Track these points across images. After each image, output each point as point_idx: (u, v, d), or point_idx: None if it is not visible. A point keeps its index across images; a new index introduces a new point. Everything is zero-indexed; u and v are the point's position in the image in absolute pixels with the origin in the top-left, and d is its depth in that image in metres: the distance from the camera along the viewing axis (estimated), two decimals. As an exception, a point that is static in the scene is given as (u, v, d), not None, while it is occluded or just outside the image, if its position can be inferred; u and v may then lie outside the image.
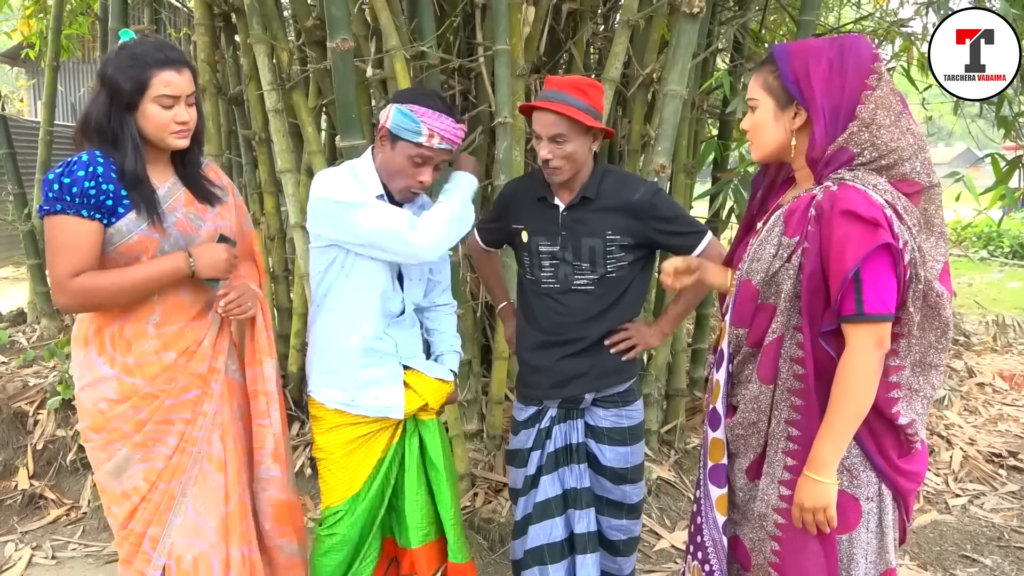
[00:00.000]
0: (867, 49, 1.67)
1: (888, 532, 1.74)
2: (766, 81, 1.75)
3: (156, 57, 1.89)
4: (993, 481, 4.11)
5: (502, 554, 3.26)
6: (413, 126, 2.09)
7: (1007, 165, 3.93)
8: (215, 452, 2.06)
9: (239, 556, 2.07)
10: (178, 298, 2.01)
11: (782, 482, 1.73)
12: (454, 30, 3.78)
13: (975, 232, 13.94)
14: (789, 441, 1.71)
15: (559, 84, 2.17)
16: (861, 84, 1.64)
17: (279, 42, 3.82)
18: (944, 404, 5.11)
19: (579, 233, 2.22)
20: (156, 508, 2.01)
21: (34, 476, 3.86)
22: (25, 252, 5.79)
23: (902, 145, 1.64)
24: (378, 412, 2.23)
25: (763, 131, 1.77)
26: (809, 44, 1.72)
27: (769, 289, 1.70)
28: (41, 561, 3.32)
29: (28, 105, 15.58)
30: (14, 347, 5.26)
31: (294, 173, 3.88)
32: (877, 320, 1.58)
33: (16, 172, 5.73)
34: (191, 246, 1.99)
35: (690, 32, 3.09)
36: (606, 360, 2.27)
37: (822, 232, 1.61)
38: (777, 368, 1.70)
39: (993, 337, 6.81)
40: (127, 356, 1.97)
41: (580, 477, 2.31)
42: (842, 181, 1.62)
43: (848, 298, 1.58)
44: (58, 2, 5.54)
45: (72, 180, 1.85)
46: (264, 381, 2.15)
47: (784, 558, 1.74)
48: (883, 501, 1.72)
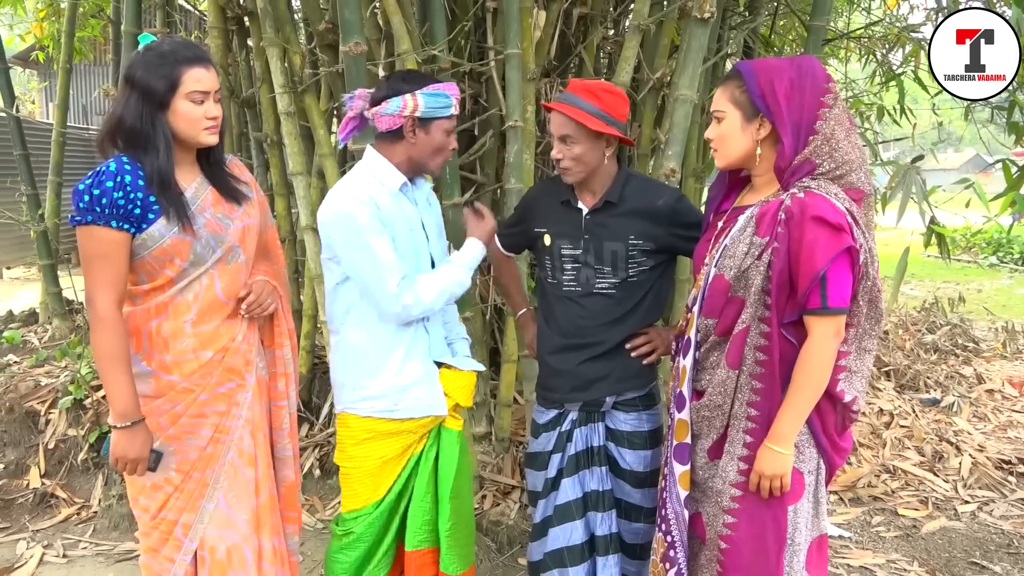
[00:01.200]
0: (821, 71, 1.88)
1: (822, 501, 1.96)
2: (733, 95, 1.91)
3: (185, 55, 1.93)
4: (1002, 488, 4.10)
5: (510, 556, 3.27)
6: (446, 101, 2.17)
7: (1018, 171, 3.92)
8: (246, 448, 2.10)
9: (271, 547, 2.13)
10: (213, 296, 2.04)
11: (740, 458, 1.91)
12: (465, 34, 3.80)
13: (985, 238, 13.89)
14: (749, 421, 1.90)
15: (576, 88, 2.20)
16: (818, 102, 1.84)
17: (291, 45, 3.85)
18: (953, 410, 5.10)
19: (602, 237, 2.24)
20: (190, 496, 2.04)
21: (45, 475, 3.89)
22: (38, 253, 5.83)
23: (853, 157, 1.84)
24: (423, 412, 2.24)
25: (729, 141, 1.94)
26: (771, 63, 1.92)
27: (739, 283, 1.87)
28: (52, 559, 3.35)
29: (40, 107, 15.71)
30: (26, 347, 5.30)
31: (305, 176, 3.90)
32: (837, 313, 1.80)
33: (29, 173, 5.77)
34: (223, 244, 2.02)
35: (700, 37, 3.09)
36: (627, 364, 2.28)
37: (791, 234, 1.79)
38: (743, 355, 1.88)
39: (1003, 343, 6.79)
40: (164, 354, 2.01)
41: (602, 480, 2.32)
42: (808, 189, 1.81)
43: (814, 294, 1.79)
44: (71, 5, 5.59)
45: (101, 191, 1.88)
46: (284, 363, 2.24)
47: (737, 529, 1.92)
48: (820, 474, 1.94)
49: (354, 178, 2.22)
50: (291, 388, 2.26)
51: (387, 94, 2.16)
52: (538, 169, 3.63)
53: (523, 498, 3.57)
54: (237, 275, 2.08)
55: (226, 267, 2.05)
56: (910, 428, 4.71)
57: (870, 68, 5.95)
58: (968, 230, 13.00)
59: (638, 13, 3.43)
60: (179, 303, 2.01)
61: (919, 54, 5.23)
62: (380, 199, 2.17)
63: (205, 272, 2.02)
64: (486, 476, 3.68)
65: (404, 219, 2.21)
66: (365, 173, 2.22)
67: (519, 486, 3.63)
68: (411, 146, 2.19)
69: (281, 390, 2.24)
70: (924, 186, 3.89)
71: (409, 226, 2.23)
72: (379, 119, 2.17)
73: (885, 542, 3.54)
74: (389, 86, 2.18)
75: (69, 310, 5.76)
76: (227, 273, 2.05)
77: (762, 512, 1.89)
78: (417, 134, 2.17)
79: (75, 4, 5.60)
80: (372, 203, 2.14)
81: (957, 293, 8.08)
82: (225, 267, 2.05)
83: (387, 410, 2.21)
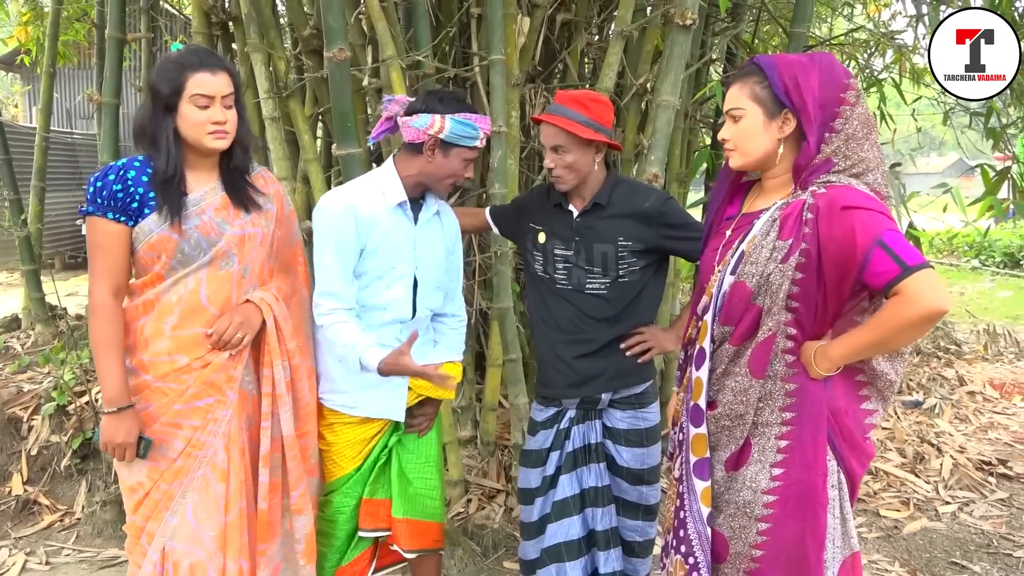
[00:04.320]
0: (841, 67, 1.80)
1: (848, 518, 1.83)
2: (753, 91, 1.81)
3: (191, 60, 1.99)
4: (983, 488, 4.15)
5: (495, 560, 3.27)
6: (473, 133, 2.21)
7: (996, 176, 3.98)
8: (219, 462, 2.07)
9: (235, 569, 2.06)
10: (197, 301, 2.04)
11: (774, 464, 1.80)
12: (450, 40, 3.81)
13: (967, 242, 14.02)
14: (784, 426, 1.79)
15: (563, 99, 2.27)
16: (839, 99, 1.75)
17: (276, 51, 3.85)
18: (935, 412, 5.15)
19: (591, 239, 2.30)
20: (155, 505, 2.04)
21: (28, 482, 3.86)
22: (20, 258, 5.79)
23: (870, 156, 1.77)
24: (380, 414, 2.33)
25: (751, 139, 1.83)
26: (790, 58, 1.82)
27: (762, 289, 1.77)
28: (35, 567, 3.32)
29: (23, 111, 15.57)
30: (8, 353, 5.26)
31: (290, 181, 3.90)
32: (922, 268, 1.62)
33: (12, 178, 5.73)
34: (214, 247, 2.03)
35: (683, 43, 3.12)
36: (622, 361, 2.33)
37: (821, 232, 1.68)
38: (768, 362, 1.77)
39: (984, 346, 6.86)
40: (143, 353, 2.03)
41: (599, 476, 2.36)
42: (829, 183, 1.72)
43: (883, 263, 1.64)
44: (55, 9, 5.56)
45: (104, 184, 1.98)
46: (270, 383, 2.14)
47: (773, 534, 1.80)
48: (842, 488, 1.82)
49: (360, 182, 2.32)
50: (281, 410, 2.14)
51: (420, 108, 2.22)
52: (522, 174, 3.64)
53: (508, 502, 3.58)
54: (226, 283, 2.07)
55: (216, 273, 2.05)
56: (892, 430, 4.76)
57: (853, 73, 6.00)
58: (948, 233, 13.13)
59: (621, 19, 3.46)
60: (164, 303, 2.02)
61: (901, 61, 5.29)
62: (368, 208, 2.21)
63: (191, 274, 2.02)
64: (471, 480, 3.68)
65: (391, 235, 2.25)
66: (371, 181, 2.29)
67: (504, 490, 3.64)
68: (427, 164, 2.24)
69: (264, 410, 2.13)
70: (903, 191, 3.94)
71: (394, 243, 2.26)
72: (406, 129, 2.23)
73: (867, 543, 3.57)
74: (425, 102, 2.24)
75: (52, 316, 5.71)
76: (216, 279, 2.05)
77: (801, 512, 1.78)
78: (436, 154, 2.22)
79: (59, 8, 5.57)
80: (353, 209, 2.20)
81: (939, 296, 8.14)
82: (215, 272, 2.05)
83: (347, 406, 2.32)
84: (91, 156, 10.84)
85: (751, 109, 1.82)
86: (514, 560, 3.16)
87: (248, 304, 2.11)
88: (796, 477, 1.78)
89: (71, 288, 8.27)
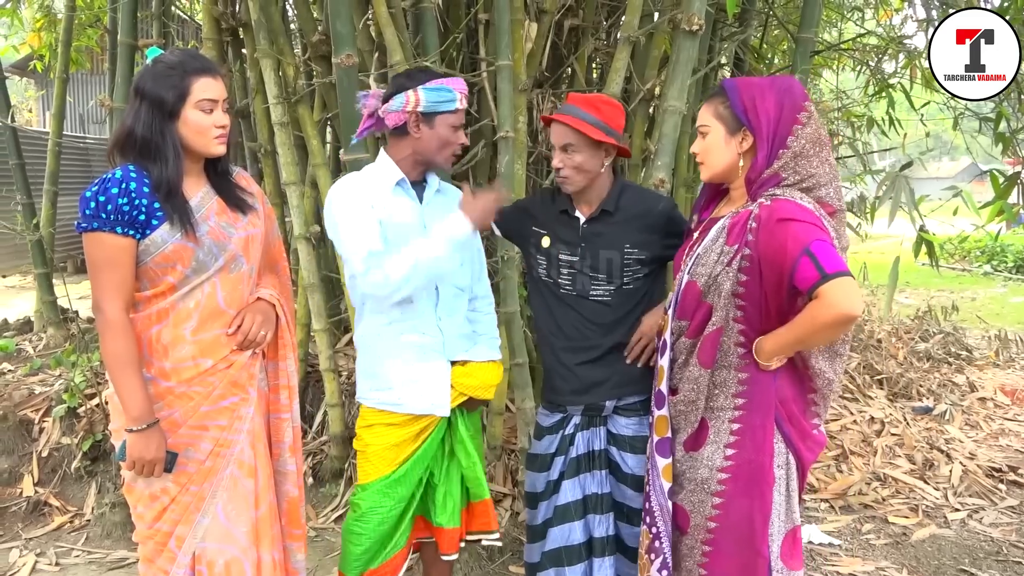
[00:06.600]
0: (800, 90, 1.99)
1: (793, 495, 2.04)
2: (717, 110, 2.02)
3: (194, 65, 1.97)
4: (992, 495, 4.12)
5: (501, 564, 3.28)
6: (448, 95, 2.22)
7: (1006, 181, 3.96)
8: (246, 459, 2.09)
9: (270, 560, 2.12)
10: (215, 305, 2.05)
11: (727, 445, 2.00)
12: (457, 46, 3.83)
13: (979, 247, 13.91)
14: (736, 410, 1.99)
15: (575, 100, 2.28)
16: (793, 119, 1.94)
17: (285, 56, 3.88)
18: (945, 418, 5.12)
19: (597, 245, 2.30)
20: (185, 509, 2.04)
21: (39, 483, 3.89)
22: (33, 261, 5.84)
23: (820, 172, 1.93)
24: (426, 410, 2.33)
25: (714, 154, 2.04)
26: (753, 81, 2.04)
27: (710, 289, 1.96)
28: (45, 567, 3.35)
29: (37, 116, 15.73)
30: (20, 355, 5.30)
31: (299, 185, 3.93)
32: (840, 276, 1.77)
33: (25, 182, 5.78)
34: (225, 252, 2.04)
35: (689, 49, 3.13)
36: (625, 369, 2.33)
37: (761, 240, 1.87)
38: (716, 354, 1.98)
39: (995, 352, 6.81)
40: (164, 361, 2.01)
41: (601, 483, 2.37)
42: (774, 196, 1.91)
43: (805, 272, 1.80)
44: (68, 15, 5.62)
45: (107, 198, 1.91)
46: (287, 376, 2.22)
47: (725, 508, 2.01)
48: (789, 468, 2.01)
49: (359, 173, 2.35)
50: (294, 401, 2.24)
51: (393, 91, 2.25)
52: (530, 179, 3.66)
53: (515, 506, 3.59)
54: (239, 284, 2.09)
55: (228, 276, 2.07)
56: (901, 436, 4.73)
57: (864, 78, 6.00)
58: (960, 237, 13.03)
59: (628, 25, 3.47)
60: (180, 310, 2.02)
61: (912, 66, 5.27)
62: (370, 190, 2.26)
63: (207, 280, 2.03)
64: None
65: (397, 213, 2.27)
66: (369, 171, 2.33)
67: (511, 494, 3.65)
68: (416, 141, 2.25)
69: (284, 403, 2.22)
70: (913, 194, 3.93)
71: (401, 220, 2.28)
72: (387, 116, 2.25)
73: (875, 550, 3.56)
74: (394, 83, 2.27)
75: (64, 319, 5.76)
76: (229, 282, 2.07)
77: (750, 489, 1.98)
78: (421, 129, 2.24)
79: (72, 14, 5.62)
80: (360, 186, 2.25)
81: (951, 301, 8.11)
82: (228, 276, 2.06)
83: (392, 403, 2.31)
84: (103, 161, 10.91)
85: (715, 126, 2.02)
86: (520, 564, 3.17)
87: (261, 302, 2.15)
88: (747, 457, 1.98)
89: (83, 291, 8.31)
